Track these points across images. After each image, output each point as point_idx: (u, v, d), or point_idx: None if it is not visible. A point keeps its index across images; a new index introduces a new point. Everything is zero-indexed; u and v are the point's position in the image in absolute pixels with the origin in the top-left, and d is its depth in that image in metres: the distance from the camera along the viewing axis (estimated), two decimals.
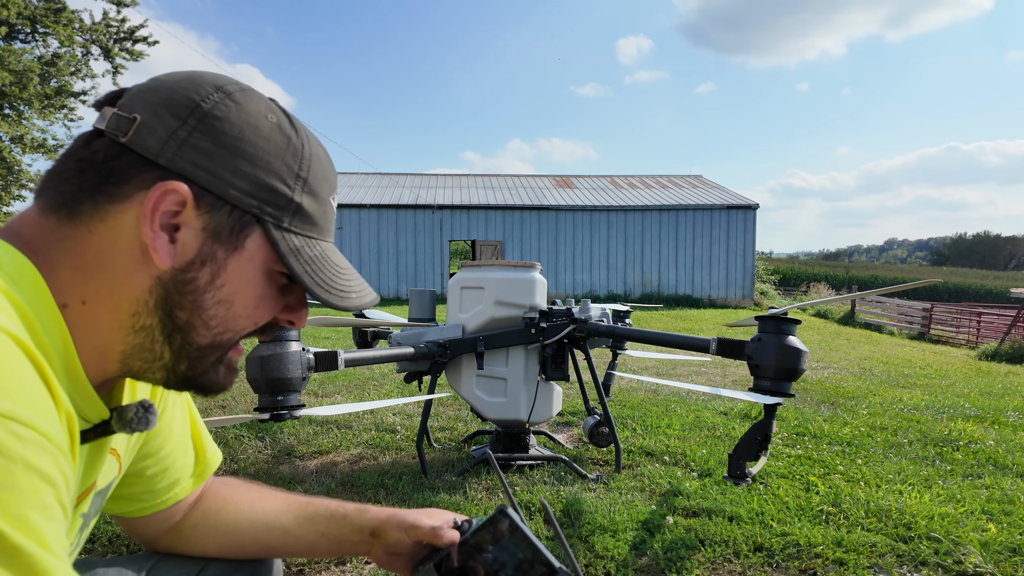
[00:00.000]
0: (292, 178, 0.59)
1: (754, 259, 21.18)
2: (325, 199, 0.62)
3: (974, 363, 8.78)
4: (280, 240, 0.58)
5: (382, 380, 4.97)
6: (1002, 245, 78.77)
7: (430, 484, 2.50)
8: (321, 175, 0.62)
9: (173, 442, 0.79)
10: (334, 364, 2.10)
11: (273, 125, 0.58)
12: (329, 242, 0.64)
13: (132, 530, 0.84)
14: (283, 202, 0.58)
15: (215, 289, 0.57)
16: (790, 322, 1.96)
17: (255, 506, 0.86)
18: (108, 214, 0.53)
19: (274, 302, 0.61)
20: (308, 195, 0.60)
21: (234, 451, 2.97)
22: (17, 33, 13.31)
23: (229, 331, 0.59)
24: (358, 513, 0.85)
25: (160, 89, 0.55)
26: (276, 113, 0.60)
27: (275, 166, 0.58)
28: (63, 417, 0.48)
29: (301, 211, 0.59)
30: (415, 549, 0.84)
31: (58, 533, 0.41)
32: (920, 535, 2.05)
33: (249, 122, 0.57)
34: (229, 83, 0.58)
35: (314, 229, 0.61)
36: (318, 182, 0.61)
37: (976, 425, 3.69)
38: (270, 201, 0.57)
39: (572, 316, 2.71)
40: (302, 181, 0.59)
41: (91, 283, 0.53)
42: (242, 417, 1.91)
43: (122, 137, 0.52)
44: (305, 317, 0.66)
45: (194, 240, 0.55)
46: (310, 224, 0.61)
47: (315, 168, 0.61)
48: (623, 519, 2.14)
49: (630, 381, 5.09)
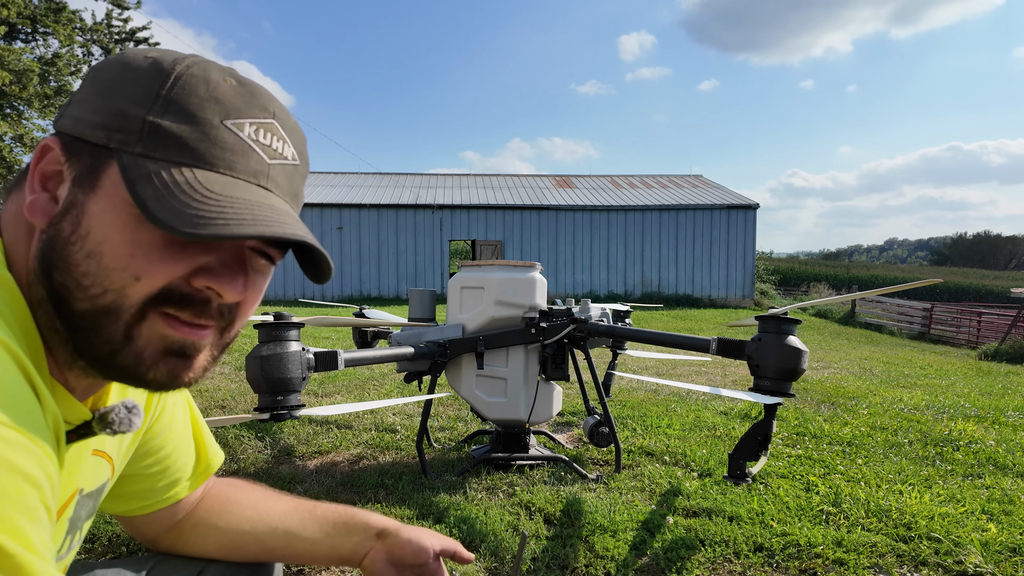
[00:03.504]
0: (149, 98, 0.50)
1: (754, 259, 21.17)
2: (209, 121, 0.51)
3: (974, 363, 8.78)
4: (131, 166, 0.49)
5: (382, 380, 4.97)
6: (1002, 245, 78.71)
7: (430, 484, 2.50)
8: (207, 96, 0.52)
9: (174, 442, 0.79)
10: (334, 364, 2.10)
11: (150, 60, 0.52)
12: (223, 173, 0.51)
13: (133, 529, 0.84)
14: (136, 125, 0.50)
15: (80, 239, 0.49)
16: (790, 322, 1.95)
17: (258, 507, 0.86)
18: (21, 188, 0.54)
19: (160, 252, 0.50)
20: (172, 115, 0.50)
21: (234, 451, 2.97)
22: (17, 33, 13.32)
23: (108, 290, 0.49)
24: (365, 515, 0.86)
25: None
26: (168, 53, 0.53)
27: (128, 91, 0.50)
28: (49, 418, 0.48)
29: (158, 132, 0.50)
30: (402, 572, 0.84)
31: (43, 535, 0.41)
32: (920, 535, 2.05)
33: (123, 61, 0.52)
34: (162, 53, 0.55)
35: (185, 153, 0.50)
36: (195, 101, 0.51)
37: (976, 425, 3.69)
38: (120, 128, 0.50)
39: (572, 316, 2.71)
40: (162, 100, 0.50)
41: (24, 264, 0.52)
42: (242, 417, 1.91)
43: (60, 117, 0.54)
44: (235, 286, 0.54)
45: (61, 189, 0.51)
46: (176, 148, 0.50)
47: (193, 87, 0.51)
48: (623, 519, 2.14)
49: (630, 381, 5.09)
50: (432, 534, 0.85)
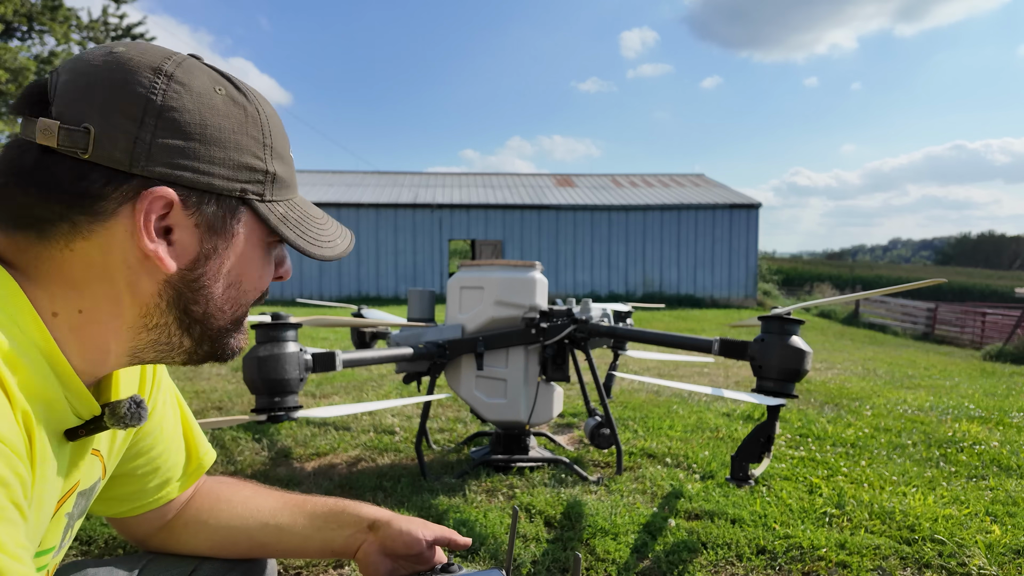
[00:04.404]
0: (261, 149, 0.59)
1: (757, 259, 21.13)
2: (288, 156, 0.63)
3: (979, 363, 8.74)
4: (268, 215, 0.60)
5: (380, 381, 4.96)
6: (1007, 244, 78.48)
7: (429, 486, 2.48)
8: (279, 134, 0.62)
9: (164, 442, 0.78)
10: (332, 365, 2.08)
11: (225, 99, 0.57)
12: (299, 195, 0.66)
13: (123, 529, 0.83)
14: (261, 176, 0.59)
15: (223, 277, 0.59)
16: (794, 322, 1.93)
17: (249, 504, 0.86)
18: (92, 233, 0.52)
19: (271, 267, 0.65)
20: (277, 159, 0.60)
21: (231, 453, 2.95)
22: (14, 31, 13.34)
23: (242, 306, 0.62)
24: (356, 507, 0.87)
25: (95, 87, 0.51)
26: (221, 83, 0.58)
27: (244, 143, 0.57)
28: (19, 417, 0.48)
29: (277, 178, 0.60)
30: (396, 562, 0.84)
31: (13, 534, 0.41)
32: (924, 537, 2.03)
33: (204, 103, 0.55)
34: (163, 60, 0.54)
35: (289, 190, 0.63)
36: (280, 143, 0.61)
37: (980, 426, 3.66)
38: (250, 180, 0.58)
39: (573, 316, 2.68)
40: (269, 149, 0.60)
41: (86, 295, 0.54)
42: (239, 419, 1.89)
43: (83, 153, 0.50)
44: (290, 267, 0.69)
45: (191, 238, 0.55)
46: (285, 187, 0.62)
47: (274, 129, 0.61)
48: (624, 522, 2.12)
49: (631, 382, 5.06)
50: (424, 524, 0.86)
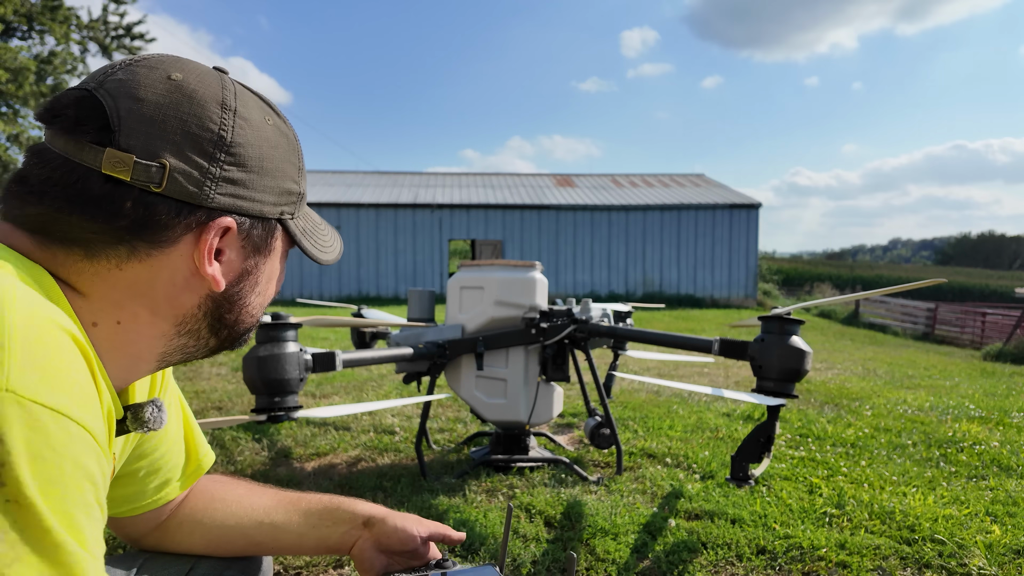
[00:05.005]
0: (297, 173, 0.64)
1: (757, 259, 21.12)
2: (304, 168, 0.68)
3: (979, 363, 8.74)
4: (296, 230, 0.65)
5: (380, 381, 4.95)
6: (1007, 245, 78.44)
7: (429, 486, 2.48)
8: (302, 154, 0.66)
9: (168, 444, 0.78)
10: (332, 365, 2.08)
11: (274, 129, 0.62)
12: None
13: (118, 528, 0.83)
14: (296, 198, 0.65)
15: (254, 287, 0.64)
16: (794, 322, 1.93)
17: (243, 502, 0.86)
18: (151, 257, 0.54)
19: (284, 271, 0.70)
20: (303, 179, 0.66)
21: (231, 453, 2.95)
22: (14, 31, 13.32)
23: (263, 308, 0.68)
24: (351, 503, 0.87)
25: (168, 122, 0.53)
26: (267, 112, 0.62)
27: (287, 170, 0.63)
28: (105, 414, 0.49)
29: (303, 198, 0.66)
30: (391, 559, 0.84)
31: (96, 533, 0.42)
32: (924, 537, 2.03)
33: (261, 136, 0.60)
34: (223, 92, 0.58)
35: (304, 201, 0.67)
36: (303, 161, 0.66)
37: (980, 426, 3.66)
38: (288, 202, 0.64)
39: (573, 316, 2.68)
40: (302, 172, 0.65)
41: (127, 308, 0.56)
42: (239, 419, 1.89)
43: (155, 187, 0.52)
44: None
45: (238, 258, 0.60)
46: (303, 201, 0.67)
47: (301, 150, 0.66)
48: (624, 522, 2.12)
49: (631, 382, 5.06)
50: (419, 520, 0.86)
